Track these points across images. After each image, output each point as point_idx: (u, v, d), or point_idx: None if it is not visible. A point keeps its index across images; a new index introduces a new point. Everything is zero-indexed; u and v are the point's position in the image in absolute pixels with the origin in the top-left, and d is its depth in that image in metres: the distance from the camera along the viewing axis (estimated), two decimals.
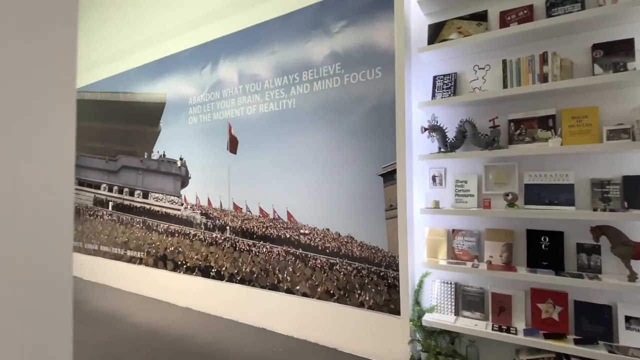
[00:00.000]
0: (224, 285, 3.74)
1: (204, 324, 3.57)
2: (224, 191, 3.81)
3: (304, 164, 3.25)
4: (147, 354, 2.91)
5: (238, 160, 3.72)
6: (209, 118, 3.98)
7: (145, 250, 4.55)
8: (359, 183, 2.93)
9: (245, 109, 3.68)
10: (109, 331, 3.38)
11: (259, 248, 3.52)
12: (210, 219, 3.92)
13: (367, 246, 2.88)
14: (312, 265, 3.17)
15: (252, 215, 3.60)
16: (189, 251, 4.08)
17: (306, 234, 3.22)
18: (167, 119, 4.40)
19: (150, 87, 4.61)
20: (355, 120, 2.98)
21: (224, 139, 3.82)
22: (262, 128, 3.54)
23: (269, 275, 3.44)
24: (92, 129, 5.42)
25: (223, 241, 3.80)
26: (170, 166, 4.33)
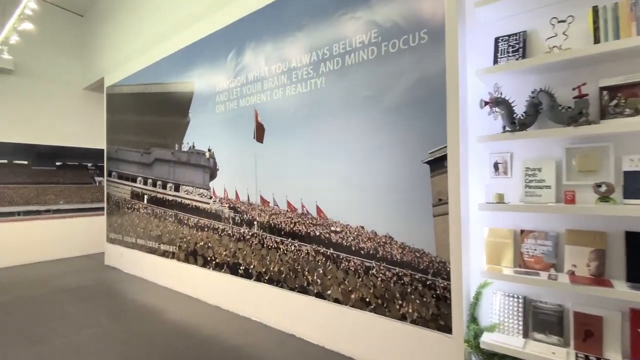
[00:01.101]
0: (252, 285, 3.46)
1: (233, 325, 3.33)
2: (251, 183, 3.52)
3: (335, 151, 2.83)
4: (177, 355, 2.71)
5: (265, 150, 3.40)
6: (235, 105, 3.70)
7: (177, 245, 4.44)
8: (400, 172, 2.45)
9: (272, 93, 3.33)
10: (140, 329, 3.26)
11: (287, 246, 3.18)
12: (238, 213, 3.66)
13: (410, 248, 2.40)
14: (345, 268, 2.76)
15: (280, 210, 3.26)
16: (218, 247, 3.87)
17: (337, 231, 2.81)
18: (196, 108, 4.21)
19: (180, 76, 4.45)
20: (395, 96, 2.49)
21: (251, 127, 3.51)
22: (289, 113, 3.18)
23: (298, 277, 3.09)
24: (129, 122, 5.45)
25: (251, 237, 3.52)
26: (199, 158, 4.14)
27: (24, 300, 4.10)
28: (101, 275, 5.27)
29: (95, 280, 4.99)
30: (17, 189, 6.01)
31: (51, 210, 6.37)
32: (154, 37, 4.93)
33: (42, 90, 6.27)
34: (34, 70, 6.16)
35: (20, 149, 6.04)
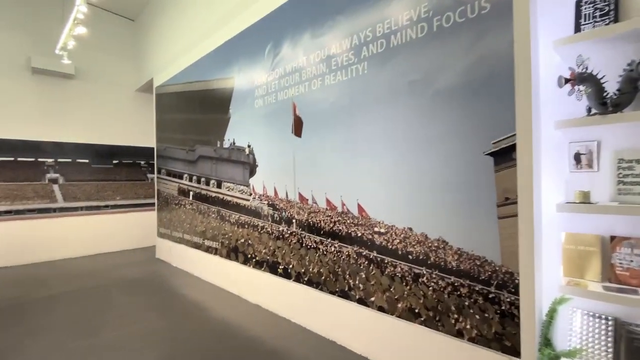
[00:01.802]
0: (292, 285, 3.32)
1: (273, 326, 3.22)
2: (290, 180, 3.37)
3: (379, 144, 2.56)
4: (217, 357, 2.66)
5: (303, 145, 3.22)
6: (273, 99, 3.57)
7: (219, 241, 4.46)
8: (456, 166, 2.12)
9: (310, 84, 3.13)
10: (185, 326, 3.28)
11: (327, 246, 2.98)
12: (277, 210, 3.53)
13: (468, 255, 2.07)
14: (390, 274, 2.49)
15: (319, 208, 3.07)
16: (258, 244, 3.79)
17: (382, 233, 2.55)
18: (236, 104, 4.15)
19: (221, 73, 4.43)
20: (449, 79, 2.16)
21: (289, 121, 3.35)
22: (329, 104, 2.96)
23: (339, 280, 2.88)
24: (175, 120, 5.60)
25: (289, 236, 3.38)
26: (239, 154, 4.09)
27: (84, 291, 4.36)
28: (152, 268, 5.51)
29: (146, 273, 5.21)
30: (79, 185, 6.50)
31: (109, 205, 6.82)
32: (197, 34, 4.98)
33: (99, 92, 6.69)
34: (92, 74, 6.59)
35: (81, 149, 6.51)
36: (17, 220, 5.74)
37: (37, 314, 3.58)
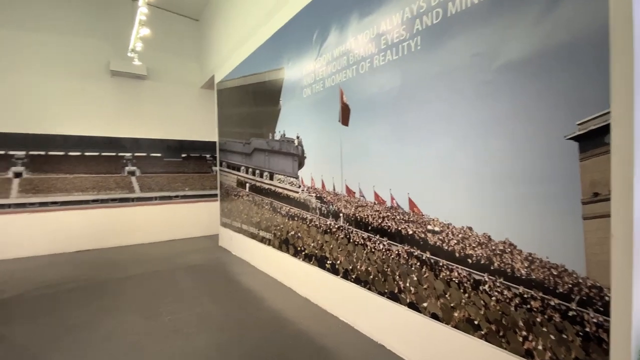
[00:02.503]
0: (339, 282, 3.18)
1: (321, 322, 3.13)
2: (337, 172, 3.20)
3: (433, 130, 2.25)
4: (265, 349, 2.66)
5: (350, 134, 3.01)
6: (320, 87, 3.41)
7: (272, 232, 4.49)
8: (527, 154, 1.74)
9: (358, 67, 2.90)
10: (237, 314, 3.37)
11: (375, 244, 2.76)
12: (324, 203, 3.40)
13: (542, 262, 1.70)
14: (446, 278, 2.19)
15: (366, 202, 2.85)
16: (306, 237, 3.71)
17: (436, 231, 2.25)
18: (286, 95, 4.09)
19: (272, 64, 4.40)
20: (518, 47, 1.77)
21: (336, 109, 3.16)
22: (377, 87, 2.70)
23: (388, 281, 2.65)
24: (233, 114, 5.77)
25: (337, 230, 3.22)
26: (289, 146, 4.03)
27: (152, 274, 4.77)
28: (214, 255, 5.82)
29: (208, 260, 5.52)
30: (153, 177, 7.14)
31: (179, 195, 7.39)
32: (249, 28, 5.02)
33: (168, 91, 7.22)
34: (162, 74, 7.13)
35: (155, 144, 7.12)
36: (101, 208, 6.52)
37: (110, 293, 3.98)
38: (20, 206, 5.84)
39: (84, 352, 2.66)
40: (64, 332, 2.99)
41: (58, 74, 6.10)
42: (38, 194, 6.00)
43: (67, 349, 2.70)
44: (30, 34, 5.88)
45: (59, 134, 6.15)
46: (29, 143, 5.93)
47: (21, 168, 5.89)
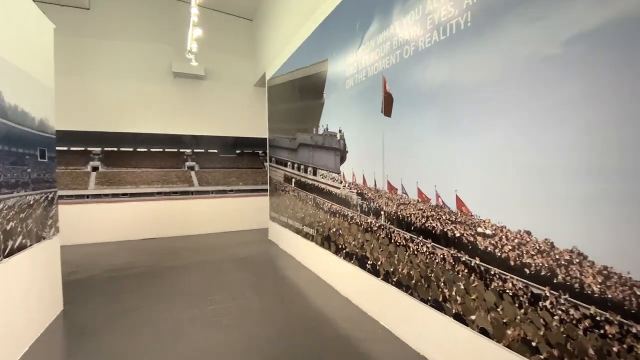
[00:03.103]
0: (380, 284, 2.98)
1: (361, 325, 2.97)
2: (378, 166, 2.99)
3: (484, 119, 1.94)
4: (301, 348, 2.60)
5: (393, 125, 2.78)
6: (363, 76, 3.21)
7: (315, 228, 4.42)
8: (605, 143, 1.39)
9: (402, 52, 2.66)
10: (276, 309, 3.37)
11: (418, 245, 2.51)
12: (365, 200, 3.21)
13: (621, 278, 1.35)
14: (498, 289, 1.89)
15: (409, 199, 2.60)
16: (347, 235, 3.56)
17: (487, 235, 1.95)
18: (329, 88, 3.96)
19: (316, 57, 4.30)
20: (594, 13, 1.42)
21: (379, 99, 2.95)
22: (422, 73, 2.44)
23: (431, 287, 2.39)
24: (281, 110, 5.81)
25: (378, 229, 3.02)
26: (331, 140, 3.90)
27: (204, 264, 5.00)
28: (262, 248, 5.95)
29: (256, 252, 5.64)
30: (210, 172, 7.53)
31: (233, 190, 7.70)
32: (297, 22, 4.99)
33: (224, 90, 7.54)
34: (218, 74, 7.47)
35: (212, 140, 7.50)
36: (164, 200, 7.05)
37: (164, 280, 4.24)
38: (96, 197, 6.56)
39: (131, 335, 2.83)
40: (119, 314, 3.23)
41: (129, 78, 6.71)
42: (111, 186, 6.69)
43: (119, 331, 2.90)
44: (108, 42, 6.54)
45: (129, 131, 6.78)
46: (104, 140, 6.63)
47: (97, 163, 6.61)
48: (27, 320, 2.62)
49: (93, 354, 2.55)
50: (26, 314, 2.62)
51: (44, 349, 2.60)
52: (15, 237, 2.46)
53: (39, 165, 2.94)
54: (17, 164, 2.55)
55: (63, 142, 6.31)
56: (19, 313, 2.50)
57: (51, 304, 3.12)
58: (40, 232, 2.91)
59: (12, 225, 2.42)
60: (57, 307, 3.24)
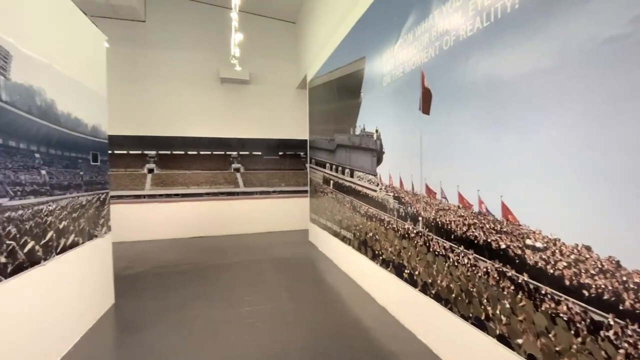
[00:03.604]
0: (417, 296, 2.77)
1: (396, 338, 2.79)
2: (416, 168, 2.78)
3: (534, 114, 1.68)
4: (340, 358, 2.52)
5: (431, 123, 2.56)
6: (400, 72, 3.02)
7: (352, 232, 4.28)
8: None
9: (441, 43, 2.43)
10: (310, 314, 3.31)
11: (459, 256, 2.27)
12: (402, 204, 3.01)
13: None
14: (550, 312, 1.62)
15: (449, 205, 2.37)
16: (384, 240, 3.37)
17: (537, 248, 1.68)
18: (366, 86, 3.81)
19: (354, 55, 4.17)
20: None
21: (417, 96, 2.75)
22: (462, 64, 2.20)
23: (473, 303, 2.14)
24: (321, 111, 5.75)
25: (415, 236, 2.81)
26: (368, 140, 3.74)
27: (244, 263, 5.11)
28: (302, 250, 5.93)
29: (295, 254, 5.64)
30: (255, 174, 7.72)
31: (276, 191, 7.82)
32: (336, 21, 4.89)
33: (268, 93, 7.69)
34: (262, 77, 7.64)
35: (256, 143, 7.70)
36: (212, 200, 7.36)
37: (206, 279, 4.39)
38: (151, 197, 7.05)
39: (170, 332, 2.94)
40: (163, 310, 3.39)
41: (180, 84, 7.12)
42: (164, 187, 7.14)
43: (160, 327, 3.04)
44: (161, 52, 7.01)
45: (180, 135, 7.19)
46: (159, 144, 7.10)
47: (152, 165, 7.10)
48: (80, 312, 2.84)
49: (136, 347, 2.69)
50: (79, 306, 2.84)
51: (94, 340, 2.80)
52: (68, 235, 2.68)
53: (92, 168, 3.19)
54: (70, 167, 2.78)
55: (123, 146, 6.88)
56: (72, 306, 2.72)
57: (103, 298, 3.37)
58: (92, 231, 3.15)
59: (65, 225, 2.63)
60: (109, 300, 3.49)
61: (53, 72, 2.50)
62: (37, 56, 2.30)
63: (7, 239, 1.95)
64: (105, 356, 2.61)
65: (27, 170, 2.19)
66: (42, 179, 2.36)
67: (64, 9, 2.78)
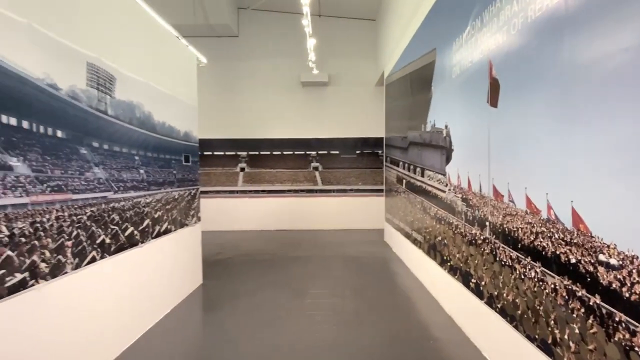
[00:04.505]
0: (483, 308, 2.50)
1: (460, 352, 2.58)
2: (483, 167, 2.50)
3: (614, 104, 1.37)
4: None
5: (499, 117, 2.28)
6: (468, 62, 2.75)
7: (422, 234, 4.06)
8: None
9: (509, 27, 2.14)
10: (370, 317, 3.30)
11: (525, 268, 1.98)
12: (470, 207, 2.74)
13: None
14: (624, 344, 1.31)
15: (516, 209, 2.08)
16: (452, 246, 3.12)
17: (612, 266, 1.37)
18: (437, 79, 3.56)
19: (425, 47, 3.94)
20: None
21: (484, 87, 2.47)
22: (531, 49, 1.91)
23: (539, 323, 1.85)
24: (395, 108, 5.58)
25: (482, 242, 2.53)
26: (438, 137, 3.50)
27: (317, 258, 5.32)
28: (375, 249, 5.87)
29: (368, 253, 5.62)
30: (332, 172, 7.93)
31: (353, 189, 7.88)
32: (409, 13, 4.68)
33: (346, 93, 7.79)
34: (340, 78, 7.77)
35: (334, 142, 7.91)
36: (293, 197, 7.85)
37: (281, 269, 4.71)
38: (243, 192, 7.86)
39: (242, 314, 3.28)
40: (239, 293, 3.79)
41: (267, 91, 7.76)
42: (253, 184, 7.89)
43: (235, 309, 3.41)
44: (250, 62, 7.75)
45: (267, 137, 7.85)
46: (249, 146, 7.88)
47: (244, 164, 7.91)
48: (171, 289, 3.39)
49: (211, 321, 3.10)
50: (170, 283, 3.38)
51: (181, 312, 3.31)
52: (162, 223, 3.22)
53: (184, 167, 3.75)
54: (165, 167, 3.32)
55: (219, 148, 7.85)
56: (165, 282, 3.26)
57: (192, 278, 3.94)
58: (184, 220, 3.71)
59: (159, 214, 3.17)
60: (197, 281, 4.06)
61: (150, 89, 3.04)
62: (136, 76, 2.83)
63: (111, 224, 2.47)
64: (187, 325, 3.07)
65: (128, 170, 2.73)
66: (140, 176, 2.90)
67: (161, 37, 3.34)
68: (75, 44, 2.18)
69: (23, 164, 1.84)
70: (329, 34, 7.47)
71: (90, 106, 2.33)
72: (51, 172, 2.02)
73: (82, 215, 2.22)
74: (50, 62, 2.00)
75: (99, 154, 2.42)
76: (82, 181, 2.26)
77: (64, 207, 2.08)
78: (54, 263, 1.96)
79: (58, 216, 2.03)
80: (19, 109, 1.81)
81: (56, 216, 2.02)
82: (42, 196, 1.94)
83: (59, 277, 1.99)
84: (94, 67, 2.35)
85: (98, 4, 2.42)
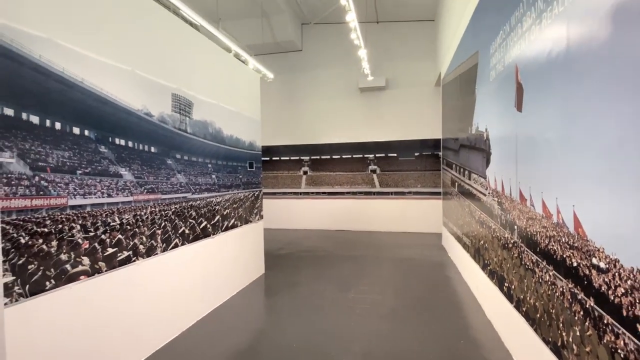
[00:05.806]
0: (512, 312, 2.53)
1: (492, 356, 2.64)
2: (512, 171, 2.54)
3: (612, 104, 1.44)
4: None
5: (523, 121, 2.32)
6: (501, 66, 2.79)
7: (470, 238, 4.05)
8: None
9: (529, 32, 2.19)
10: (407, 316, 3.49)
11: (543, 272, 2.03)
12: (503, 211, 2.77)
13: None
14: (610, 346, 1.37)
15: (535, 213, 2.12)
16: (491, 249, 3.14)
17: (601, 269, 1.43)
18: (479, 81, 3.57)
19: (471, 48, 3.94)
20: None
21: (512, 91, 2.52)
22: (547, 52, 1.96)
23: (552, 326, 1.90)
24: (451, 108, 5.53)
25: (512, 246, 2.57)
26: (479, 140, 3.51)
27: (369, 257, 5.56)
28: (429, 253, 5.87)
29: (422, 256, 5.66)
30: (390, 175, 8.03)
31: (412, 192, 7.87)
32: (460, 12, 4.67)
33: (404, 95, 7.84)
34: (398, 81, 7.85)
35: (391, 145, 8.01)
36: (352, 199, 8.16)
37: (333, 266, 5.09)
38: (305, 194, 8.45)
39: (293, 300, 3.75)
40: (294, 285, 4.28)
41: (327, 99, 8.24)
42: (315, 186, 8.43)
43: (288, 297, 3.90)
44: (313, 73, 8.32)
45: (327, 142, 8.32)
46: (311, 150, 8.45)
47: (307, 168, 8.50)
48: (236, 275, 4.02)
49: (268, 305, 3.62)
50: (236, 270, 4.01)
51: (244, 296, 3.91)
52: (230, 219, 3.85)
53: (248, 173, 4.38)
54: (232, 172, 3.97)
55: (285, 154, 8.57)
56: (232, 268, 3.90)
57: (255, 268, 4.55)
58: (248, 218, 4.33)
59: (228, 212, 3.81)
60: (259, 270, 4.67)
61: (220, 108, 3.69)
62: (209, 99, 3.49)
63: (189, 219, 3.13)
64: (249, 305, 3.64)
65: (202, 176, 3.39)
66: (212, 181, 3.56)
67: (229, 63, 3.99)
68: (163, 80, 2.87)
69: (129, 172, 2.54)
70: (387, 38, 7.65)
71: (174, 127, 3.01)
72: (147, 178, 2.72)
73: (168, 211, 2.89)
74: (146, 96, 2.69)
75: (180, 163, 3.09)
76: (168, 185, 2.94)
77: (155, 204, 2.77)
78: (148, 246, 2.64)
79: (151, 211, 2.72)
80: (126, 133, 2.51)
81: (150, 211, 2.70)
82: (141, 196, 2.64)
83: (152, 257, 2.67)
84: (177, 96, 3.03)
85: (180, 49, 3.10)
